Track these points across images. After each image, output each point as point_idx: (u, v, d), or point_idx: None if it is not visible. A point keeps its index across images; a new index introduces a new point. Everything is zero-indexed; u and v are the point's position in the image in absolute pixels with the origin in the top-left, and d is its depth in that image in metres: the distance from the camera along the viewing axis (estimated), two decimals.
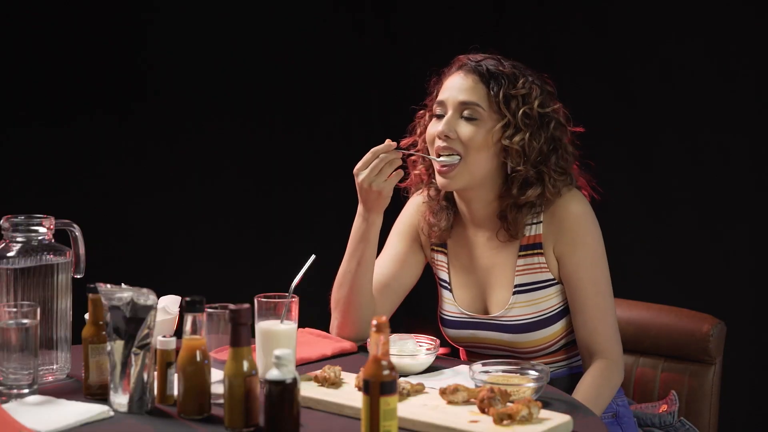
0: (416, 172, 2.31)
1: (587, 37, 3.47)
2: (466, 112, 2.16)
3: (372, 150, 2.12)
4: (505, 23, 3.40)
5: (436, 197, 2.29)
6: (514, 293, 2.21)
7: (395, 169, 2.13)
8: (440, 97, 2.20)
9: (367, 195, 2.15)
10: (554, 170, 2.18)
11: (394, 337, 2.08)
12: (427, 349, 2.08)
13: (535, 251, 2.21)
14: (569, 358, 2.26)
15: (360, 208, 2.20)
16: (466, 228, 2.29)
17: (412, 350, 2.06)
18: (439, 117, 2.20)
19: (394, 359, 1.91)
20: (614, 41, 3.43)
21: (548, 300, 2.21)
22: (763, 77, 3.28)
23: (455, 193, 2.28)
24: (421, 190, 2.35)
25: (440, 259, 2.33)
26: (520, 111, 2.15)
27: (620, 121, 3.41)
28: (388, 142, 2.13)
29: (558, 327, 2.22)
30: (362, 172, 2.12)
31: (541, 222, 2.20)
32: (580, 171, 2.28)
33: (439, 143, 2.17)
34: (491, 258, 2.25)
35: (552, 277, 2.21)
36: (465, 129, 2.16)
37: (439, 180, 2.19)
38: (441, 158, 2.18)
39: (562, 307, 2.22)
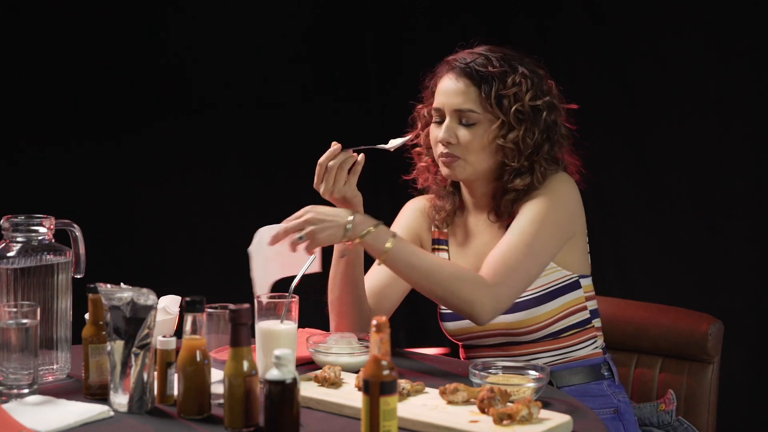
0: (422, 163, 2.37)
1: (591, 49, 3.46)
2: (463, 119, 2.22)
3: (319, 162, 2.15)
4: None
5: (443, 183, 2.35)
6: None
7: (352, 166, 2.15)
8: (436, 104, 2.26)
9: (337, 204, 2.18)
10: (545, 158, 2.23)
11: (336, 335, 2.10)
12: (366, 347, 2.07)
13: None
14: (566, 348, 2.26)
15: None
16: (468, 216, 2.35)
17: (354, 348, 2.06)
18: (438, 123, 2.26)
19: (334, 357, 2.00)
20: (612, 31, 3.43)
21: (545, 276, 2.23)
22: (765, 70, 3.27)
23: (461, 183, 2.34)
24: (418, 196, 2.41)
25: (441, 256, 2.34)
26: (512, 109, 2.20)
27: (619, 122, 3.41)
28: (332, 146, 2.15)
29: (557, 304, 2.24)
30: (320, 186, 2.16)
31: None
32: (571, 153, 2.29)
33: (441, 149, 2.24)
34: (490, 240, 2.27)
35: None
36: (464, 134, 2.22)
37: (443, 170, 2.27)
38: (390, 144, 2.23)
39: (559, 285, 2.24)
